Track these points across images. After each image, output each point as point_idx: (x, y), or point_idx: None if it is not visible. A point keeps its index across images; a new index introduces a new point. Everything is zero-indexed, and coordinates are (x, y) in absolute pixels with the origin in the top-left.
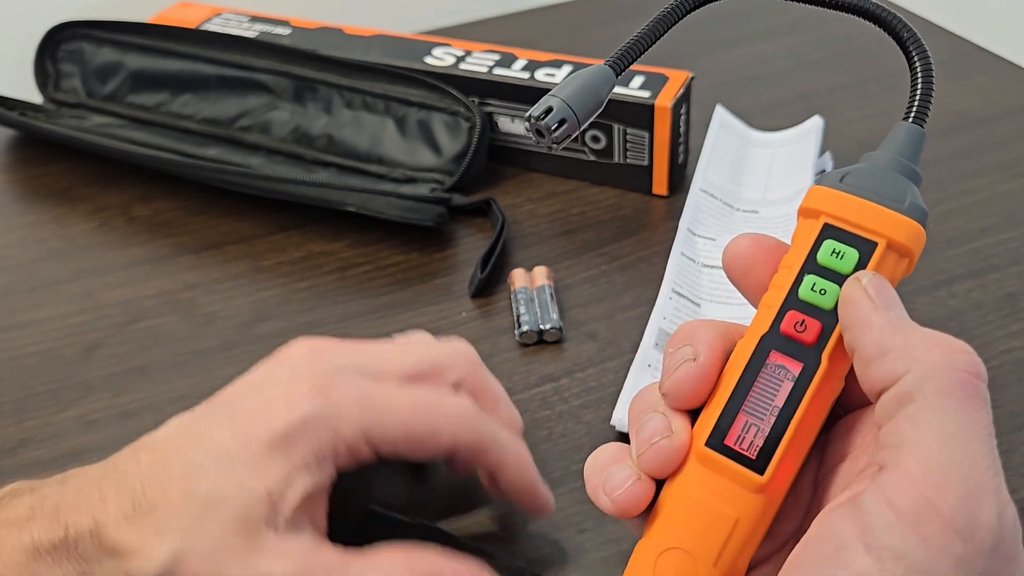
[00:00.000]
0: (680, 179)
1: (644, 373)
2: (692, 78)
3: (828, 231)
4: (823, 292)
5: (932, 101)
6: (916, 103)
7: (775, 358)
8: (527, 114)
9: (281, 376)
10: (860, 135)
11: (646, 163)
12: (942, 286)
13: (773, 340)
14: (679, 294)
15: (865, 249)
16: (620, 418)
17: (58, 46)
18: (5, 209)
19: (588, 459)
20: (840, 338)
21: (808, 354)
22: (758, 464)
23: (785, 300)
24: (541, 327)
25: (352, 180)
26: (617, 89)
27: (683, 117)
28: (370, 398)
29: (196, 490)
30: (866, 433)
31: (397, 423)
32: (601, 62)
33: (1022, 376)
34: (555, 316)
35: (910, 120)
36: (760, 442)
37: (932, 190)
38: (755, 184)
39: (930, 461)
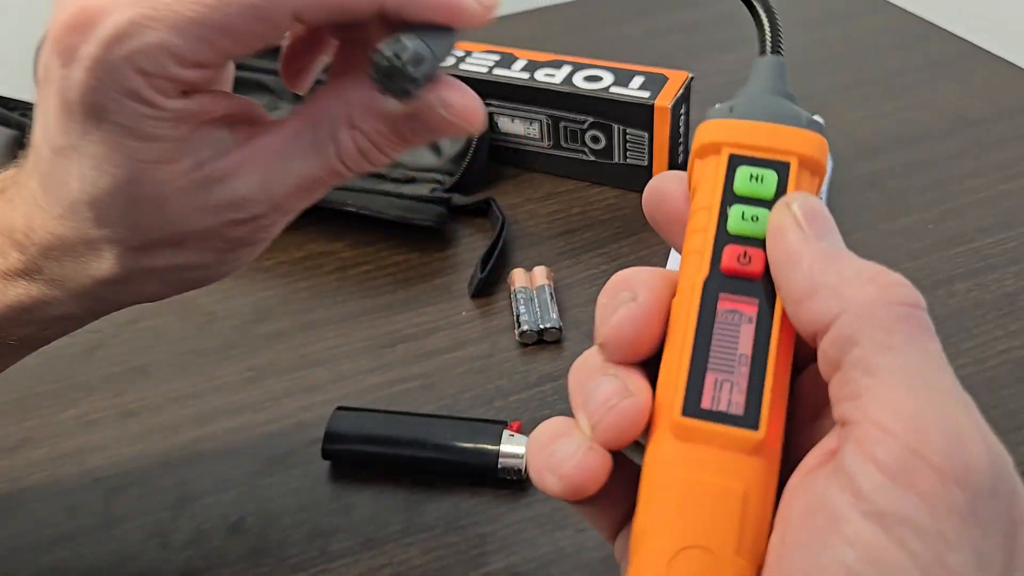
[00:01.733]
0: None
1: None
2: (691, 78)
3: (737, 160)
4: (756, 219)
5: (782, 31)
6: (768, 37)
7: (726, 303)
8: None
9: None
10: (859, 135)
11: (646, 163)
12: (941, 286)
13: (717, 283)
14: None
15: (781, 170)
16: None
17: None
18: None
19: (529, 437)
20: None
21: (759, 288)
22: (748, 419)
23: (716, 238)
24: (541, 327)
25: (352, 180)
26: (617, 89)
27: (683, 117)
28: None
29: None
30: None
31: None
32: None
33: (1021, 376)
34: (555, 316)
35: (768, 54)
36: (741, 397)
37: (931, 190)
38: None
39: (900, 408)
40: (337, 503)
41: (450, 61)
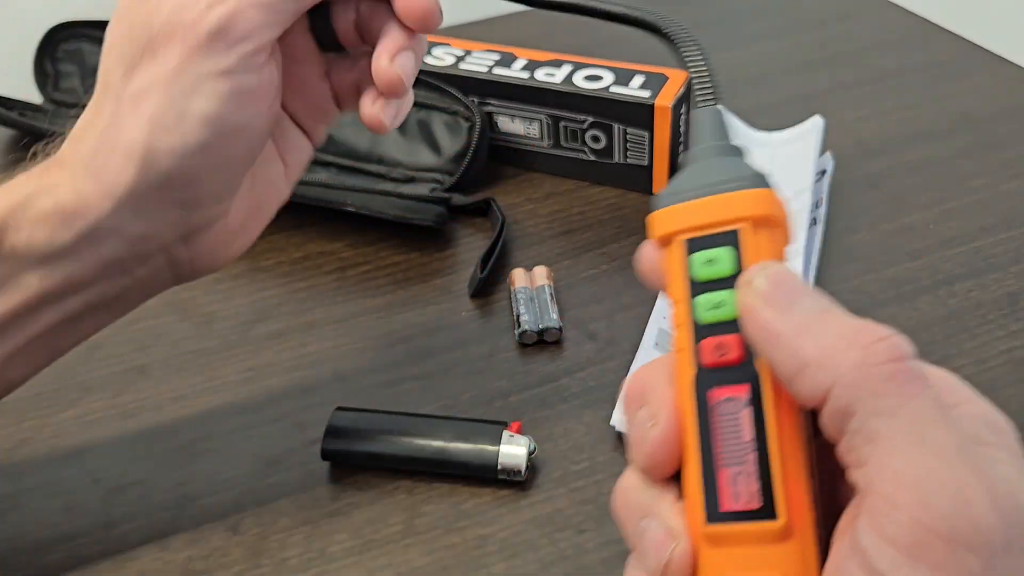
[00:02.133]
0: None
1: None
2: (692, 78)
3: (690, 245)
4: (720, 305)
5: (713, 79)
6: (701, 87)
7: (718, 394)
8: None
9: None
10: (860, 135)
11: (646, 163)
12: (942, 285)
13: (705, 379)
14: None
15: (733, 241)
16: (620, 419)
17: (57, 46)
18: None
19: None
20: None
21: (745, 371)
22: (765, 510)
23: (693, 333)
24: (541, 327)
25: (352, 180)
26: (617, 89)
27: (683, 117)
28: None
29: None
30: None
31: None
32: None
33: (1022, 376)
34: (555, 316)
35: (701, 106)
36: (755, 486)
37: (932, 190)
38: None
39: (902, 477)
40: (337, 503)
41: (449, 60)
